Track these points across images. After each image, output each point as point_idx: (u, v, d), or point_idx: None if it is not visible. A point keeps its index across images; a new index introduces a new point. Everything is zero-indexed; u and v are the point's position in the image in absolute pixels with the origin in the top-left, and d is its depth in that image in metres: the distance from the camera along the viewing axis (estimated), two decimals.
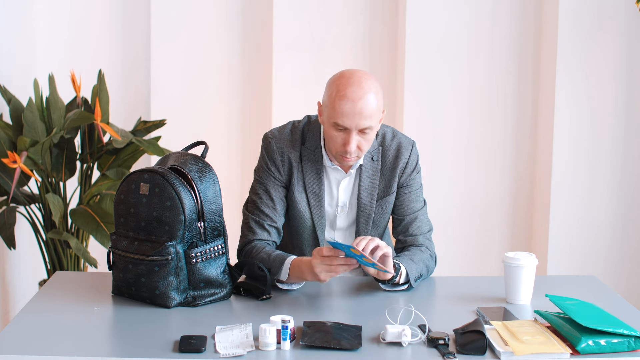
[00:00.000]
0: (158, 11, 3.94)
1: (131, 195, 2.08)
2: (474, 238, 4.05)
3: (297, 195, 2.30)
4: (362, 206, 2.32)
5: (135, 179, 2.08)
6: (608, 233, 3.92)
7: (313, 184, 2.30)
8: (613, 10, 3.76)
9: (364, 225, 2.33)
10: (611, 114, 3.85)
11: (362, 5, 3.96)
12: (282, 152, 2.29)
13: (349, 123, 2.13)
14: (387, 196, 2.32)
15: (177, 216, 2.01)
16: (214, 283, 2.05)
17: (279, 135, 2.31)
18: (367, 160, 2.31)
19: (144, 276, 2.03)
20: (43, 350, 1.75)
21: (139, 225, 2.06)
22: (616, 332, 1.75)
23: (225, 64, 4.03)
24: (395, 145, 2.32)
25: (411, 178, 2.34)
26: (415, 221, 2.35)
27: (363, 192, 2.31)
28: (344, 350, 1.74)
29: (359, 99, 2.12)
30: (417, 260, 2.24)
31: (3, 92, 3.31)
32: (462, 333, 1.80)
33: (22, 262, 3.65)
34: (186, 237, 2.03)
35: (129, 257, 2.05)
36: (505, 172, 4.02)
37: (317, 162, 2.29)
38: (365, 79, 2.15)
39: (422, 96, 3.92)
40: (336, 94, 2.14)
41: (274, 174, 2.30)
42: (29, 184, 3.48)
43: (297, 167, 2.29)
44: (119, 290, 2.11)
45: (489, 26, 3.92)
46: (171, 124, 3.74)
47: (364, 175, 2.31)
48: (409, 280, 2.18)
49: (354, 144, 2.16)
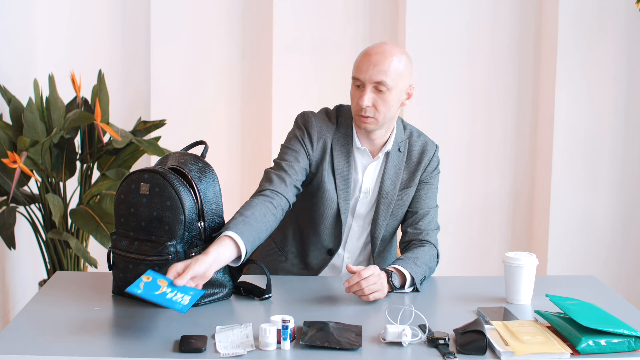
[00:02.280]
0: (158, 11, 3.94)
1: (131, 195, 2.07)
2: (474, 238, 4.05)
3: (325, 176, 2.32)
4: (385, 193, 2.35)
5: (135, 179, 2.08)
6: (608, 233, 3.92)
7: (342, 166, 2.33)
8: (613, 10, 3.76)
9: (384, 213, 2.36)
10: (611, 114, 3.85)
11: (362, 5, 3.96)
12: (320, 131, 2.33)
13: (363, 75, 2.21)
14: (408, 188, 2.37)
15: (177, 216, 2.01)
16: (214, 283, 2.05)
17: (318, 115, 2.37)
18: (394, 150, 2.36)
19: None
20: (43, 350, 1.74)
21: (139, 225, 2.06)
22: (616, 332, 1.75)
23: (225, 64, 4.03)
24: (422, 142, 2.40)
25: (432, 176, 2.41)
26: (426, 217, 2.39)
27: (387, 179, 2.35)
28: (344, 350, 1.74)
29: (375, 53, 2.22)
30: (421, 263, 2.25)
31: (3, 92, 3.31)
32: (462, 333, 1.80)
33: (22, 262, 3.65)
34: (186, 236, 2.03)
35: (129, 257, 2.05)
36: (505, 172, 4.02)
37: (348, 146, 2.33)
38: (391, 45, 2.26)
39: (422, 96, 3.91)
40: (360, 53, 2.26)
41: (306, 146, 2.32)
42: (29, 184, 3.48)
43: (329, 149, 2.33)
44: (119, 290, 2.10)
45: (489, 26, 3.92)
46: (171, 124, 3.74)
47: (389, 163, 2.35)
48: (414, 284, 2.19)
49: (367, 98, 2.21)
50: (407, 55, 2.27)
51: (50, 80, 3.33)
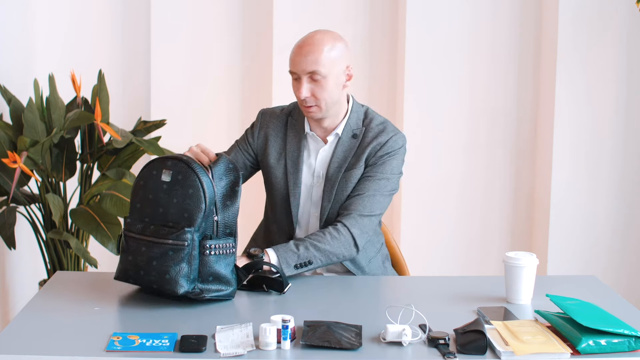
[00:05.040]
0: (158, 11, 3.94)
1: (151, 182, 2.07)
2: (474, 238, 4.05)
3: (272, 162, 2.41)
4: (329, 177, 2.38)
5: (157, 166, 2.08)
6: (608, 233, 3.92)
7: (293, 151, 2.40)
8: (613, 10, 3.76)
9: (327, 195, 2.37)
10: (611, 113, 3.84)
11: (362, 5, 3.96)
12: (263, 121, 2.48)
13: (297, 67, 2.30)
14: (353, 169, 2.36)
15: (198, 204, 2.01)
16: (222, 279, 2.05)
17: (269, 108, 2.53)
18: (347, 135, 2.38)
19: (157, 259, 2.01)
20: (43, 350, 1.74)
21: (157, 211, 2.05)
22: (617, 332, 1.75)
23: (225, 64, 4.03)
24: (380, 129, 2.39)
25: (380, 161, 2.35)
26: (356, 198, 2.33)
27: (334, 163, 2.38)
28: (344, 350, 1.74)
29: (306, 44, 2.30)
30: (305, 246, 2.22)
31: (3, 92, 3.31)
32: (462, 333, 1.80)
33: (22, 262, 3.65)
34: (202, 227, 2.03)
35: (144, 239, 2.04)
36: (505, 172, 4.02)
37: (300, 132, 2.41)
38: (318, 33, 2.32)
39: (422, 96, 3.92)
40: (293, 46, 2.35)
41: (247, 135, 2.49)
42: (29, 184, 3.48)
43: (277, 136, 2.42)
44: (125, 274, 2.07)
45: (489, 26, 3.92)
46: (171, 124, 3.74)
47: (339, 148, 2.38)
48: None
49: (304, 89, 2.29)
50: (340, 39, 2.33)
51: (50, 80, 3.33)
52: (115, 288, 2.16)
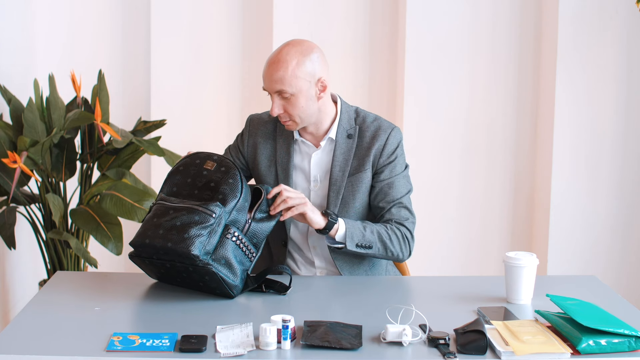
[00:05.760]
0: (158, 11, 3.94)
1: (192, 168, 2.15)
2: (474, 238, 4.05)
3: (263, 169, 2.40)
4: (333, 181, 2.36)
5: (203, 156, 2.17)
6: (608, 233, 3.92)
7: (282, 157, 2.39)
8: (613, 10, 3.76)
9: (334, 200, 2.35)
10: (611, 113, 3.84)
11: (362, 5, 3.96)
12: (251, 129, 2.44)
13: (267, 86, 2.29)
14: (358, 173, 2.35)
15: (234, 192, 2.08)
16: (232, 268, 2.06)
17: (258, 114, 2.48)
18: (342, 137, 2.36)
19: (181, 220, 2.02)
20: (43, 350, 1.74)
21: (192, 193, 2.12)
22: (617, 332, 1.75)
23: (225, 64, 4.03)
24: (375, 126, 2.38)
25: (391, 162, 2.37)
26: (395, 207, 2.36)
27: (335, 166, 2.36)
28: (345, 350, 1.74)
29: (272, 63, 2.26)
30: (372, 231, 2.28)
31: (3, 92, 3.31)
32: (462, 333, 1.80)
33: (22, 262, 3.65)
34: (233, 214, 2.07)
35: (174, 205, 2.08)
36: (505, 172, 4.01)
37: (289, 137, 2.39)
38: (286, 47, 2.27)
39: (422, 96, 3.92)
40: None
41: (237, 142, 2.47)
42: (29, 184, 3.48)
43: (266, 143, 2.40)
44: (142, 236, 2.06)
45: (489, 26, 3.92)
46: (171, 124, 3.74)
47: (337, 151, 2.36)
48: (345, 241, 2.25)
49: (276, 107, 2.27)
50: (309, 52, 2.26)
51: (50, 80, 3.33)
52: (116, 288, 2.16)
